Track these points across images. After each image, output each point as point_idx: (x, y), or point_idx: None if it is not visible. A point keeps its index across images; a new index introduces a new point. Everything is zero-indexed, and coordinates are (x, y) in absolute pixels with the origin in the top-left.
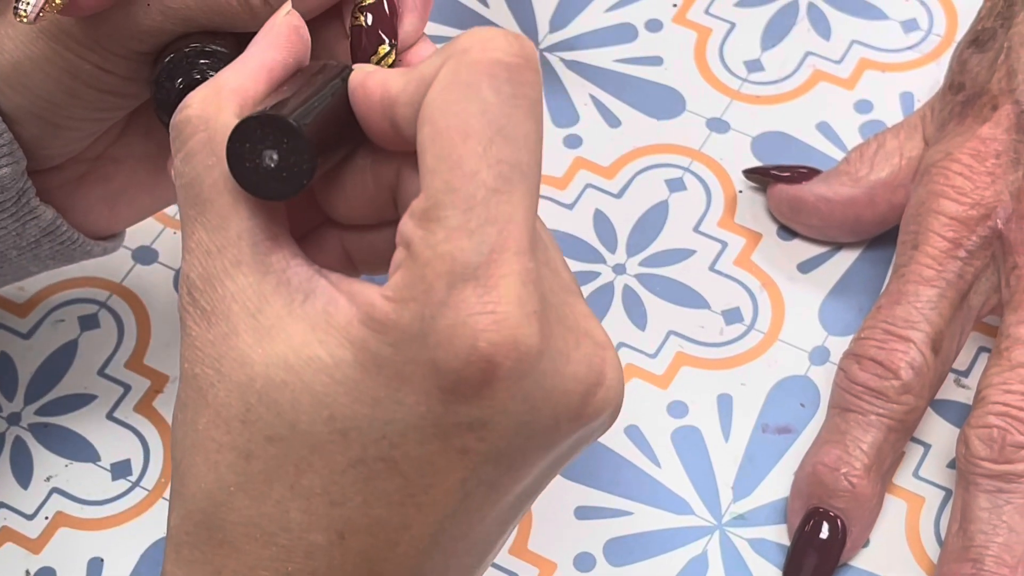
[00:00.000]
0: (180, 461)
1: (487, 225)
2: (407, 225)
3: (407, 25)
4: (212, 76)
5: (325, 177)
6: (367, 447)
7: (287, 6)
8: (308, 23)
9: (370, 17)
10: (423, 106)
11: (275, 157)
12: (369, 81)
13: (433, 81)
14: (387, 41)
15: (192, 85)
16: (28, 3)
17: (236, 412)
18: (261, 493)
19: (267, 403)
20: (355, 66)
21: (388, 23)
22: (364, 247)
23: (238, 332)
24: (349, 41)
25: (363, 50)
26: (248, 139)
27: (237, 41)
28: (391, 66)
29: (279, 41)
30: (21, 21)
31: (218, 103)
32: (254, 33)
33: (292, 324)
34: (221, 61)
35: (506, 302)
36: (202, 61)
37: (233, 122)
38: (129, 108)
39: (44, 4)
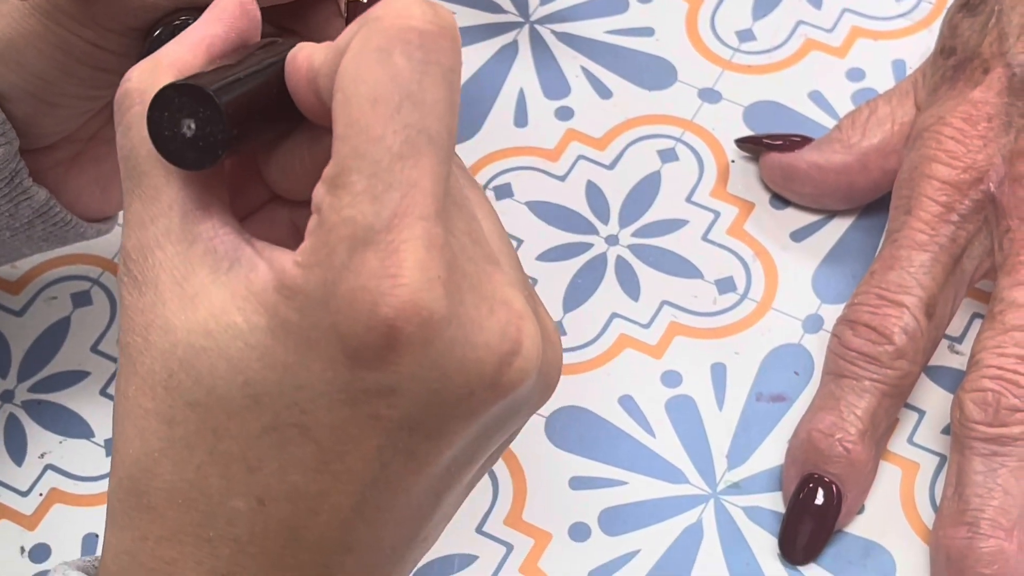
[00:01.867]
0: (115, 428)
1: (391, 190)
2: (318, 192)
3: None
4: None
5: (267, 153)
6: (279, 412)
7: None
8: (301, 4)
9: None
10: (337, 74)
11: (192, 126)
12: (299, 55)
13: (345, 50)
14: None
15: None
16: None
17: (160, 379)
18: (183, 458)
19: (187, 369)
20: (299, 44)
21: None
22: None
23: (165, 300)
24: (344, 19)
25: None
26: (167, 107)
27: None
28: None
29: (222, 16)
30: None
31: (155, 75)
32: None
33: (215, 291)
34: None
35: (408, 267)
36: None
37: None
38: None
39: None
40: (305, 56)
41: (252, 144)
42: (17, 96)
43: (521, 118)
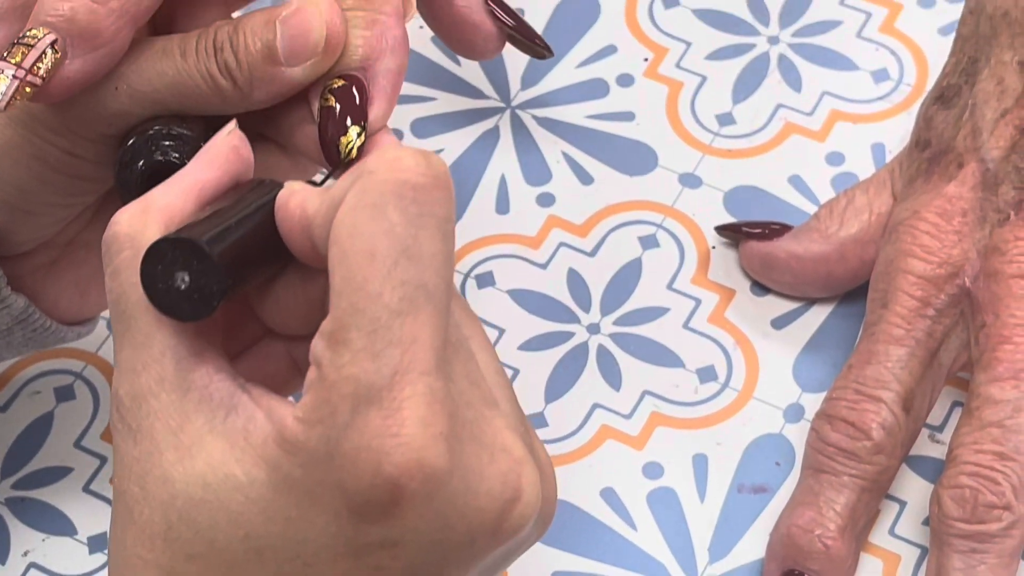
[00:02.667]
0: (111, 574)
1: (391, 347)
2: (317, 345)
3: (375, 110)
4: (175, 159)
5: (261, 291)
6: (282, 565)
7: (232, 124)
8: (271, 108)
9: (342, 99)
10: (332, 227)
11: (186, 279)
12: (290, 201)
13: (341, 202)
14: (359, 124)
15: (154, 167)
16: None
17: (159, 530)
18: None
19: (187, 521)
20: (286, 184)
21: (359, 107)
22: (304, 353)
23: (161, 450)
24: (317, 123)
25: (331, 134)
26: (160, 261)
27: (206, 125)
28: (360, 149)
29: (215, 160)
30: None
31: (144, 221)
32: (223, 117)
33: (212, 441)
34: (185, 144)
35: (410, 424)
36: (165, 143)
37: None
38: (99, 192)
39: (15, 92)
40: (298, 203)
41: (246, 289)
42: None
43: (503, 204)
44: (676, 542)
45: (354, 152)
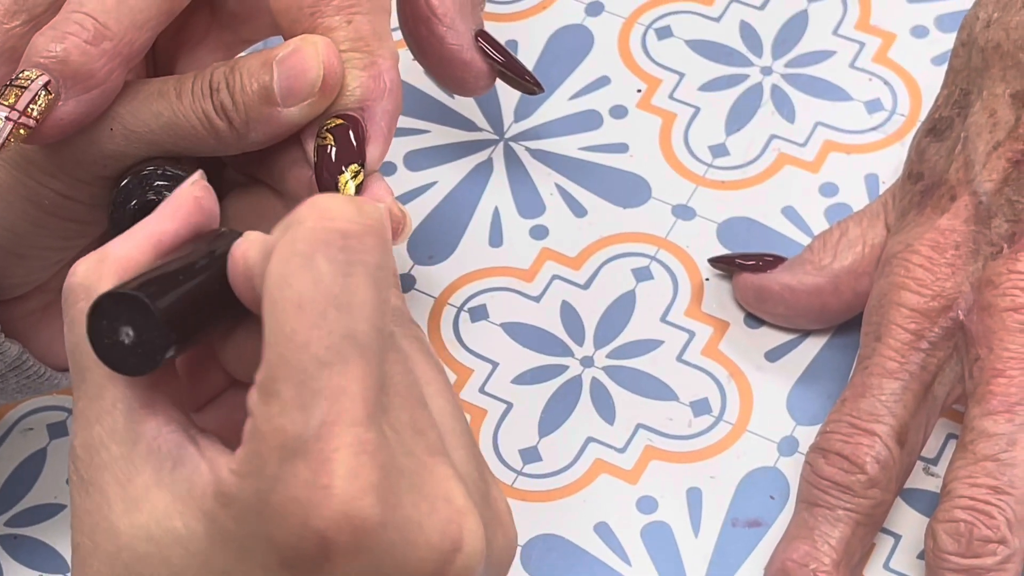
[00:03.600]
0: None
1: (318, 398)
2: (252, 396)
3: (372, 151)
4: (167, 197)
5: (223, 340)
6: None
7: (196, 175)
8: (265, 150)
9: (339, 140)
10: (264, 277)
11: (130, 333)
12: (236, 251)
13: (272, 253)
14: (357, 163)
15: (146, 207)
16: None
17: None
18: None
19: (132, 574)
20: (244, 234)
21: (356, 147)
22: None
23: (110, 502)
24: (314, 163)
25: (328, 173)
26: (104, 316)
27: (200, 166)
28: (358, 187)
29: (176, 211)
30: None
31: (100, 272)
32: (216, 158)
33: (157, 493)
34: (178, 183)
35: (338, 476)
36: (158, 183)
37: None
38: (93, 236)
39: (8, 134)
40: (241, 253)
41: (199, 340)
42: None
43: (496, 237)
44: None
45: (351, 191)
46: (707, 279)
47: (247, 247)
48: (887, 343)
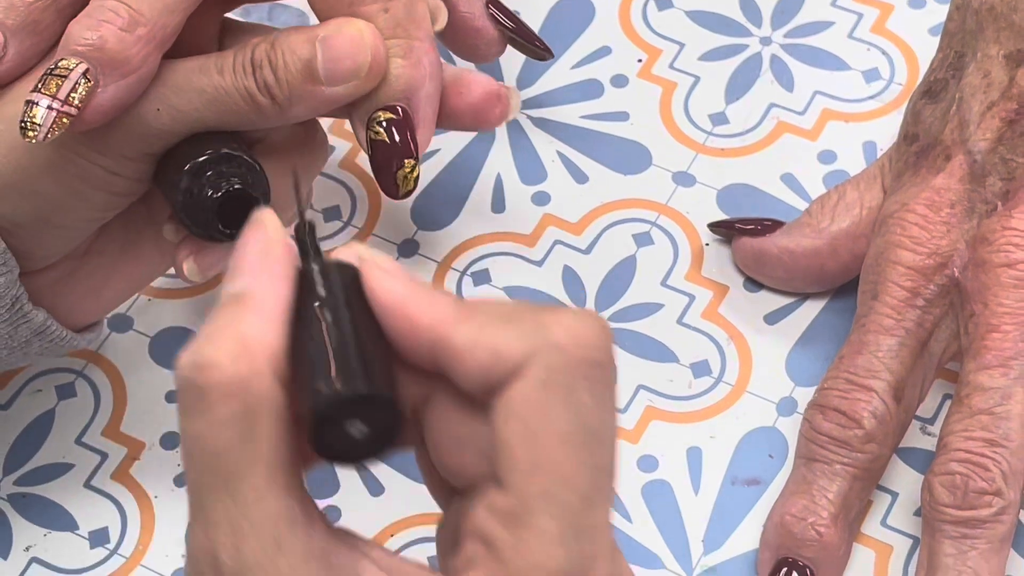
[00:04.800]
0: None
1: (582, 536)
2: (487, 522)
3: (421, 138)
4: (237, 184)
5: None
6: None
7: (269, 216)
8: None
9: (394, 133)
10: (510, 399)
11: (364, 429)
12: (415, 313)
13: (519, 371)
14: (414, 157)
15: (235, 193)
16: (37, 125)
17: None
18: None
19: None
20: (363, 266)
21: (410, 139)
22: None
23: None
24: (370, 155)
25: (388, 168)
26: (333, 422)
27: (241, 138)
28: (416, 180)
29: (284, 270)
30: (31, 141)
31: (251, 366)
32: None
33: None
34: (240, 166)
35: None
36: (224, 167)
37: (274, 390)
38: (127, 205)
39: (53, 123)
40: (430, 322)
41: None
42: (27, 223)
43: (499, 203)
44: (671, 534)
45: (412, 185)
46: (707, 244)
47: (432, 314)
48: (884, 300)
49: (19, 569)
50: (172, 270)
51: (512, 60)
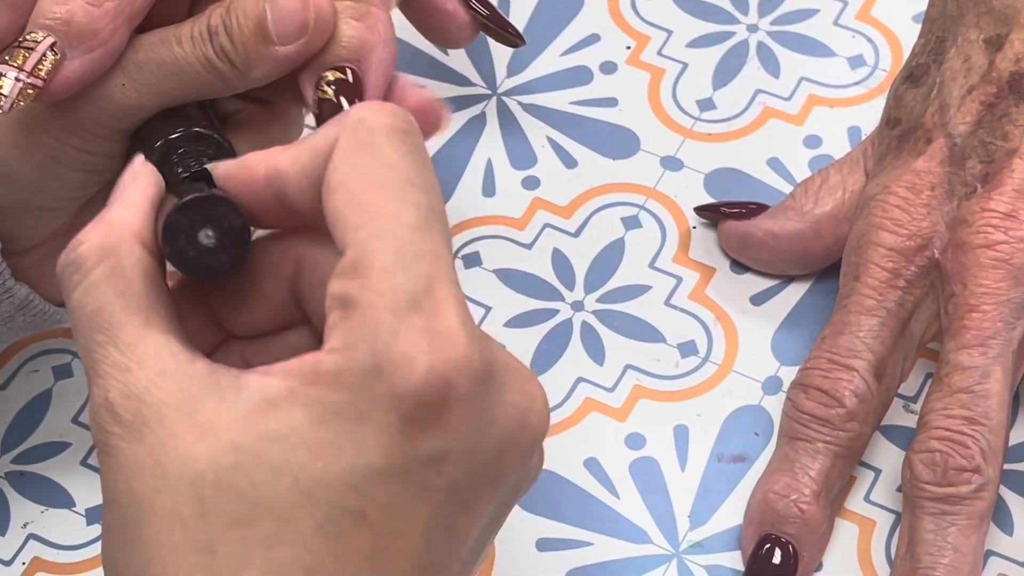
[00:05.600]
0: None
1: (418, 259)
2: (337, 285)
3: (369, 100)
4: (207, 163)
5: (221, 291)
6: (333, 502)
7: (139, 157)
8: (257, 89)
9: (339, 93)
10: (329, 173)
11: (211, 233)
12: (250, 160)
13: (333, 149)
14: None
15: (197, 177)
16: (3, 95)
17: (190, 509)
18: None
19: (224, 489)
20: (218, 165)
21: (357, 96)
22: (266, 357)
23: (176, 435)
24: (316, 115)
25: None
26: (180, 231)
27: (207, 110)
28: None
29: (149, 179)
30: None
31: (116, 234)
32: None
33: (230, 413)
34: (211, 145)
35: (452, 325)
36: (194, 147)
37: (136, 247)
38: (106, 182)
39: (18, 94)
40: (259, 161)
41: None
42: (5, 206)
43: (489, 188)
44: (658, 509)
45: None
46: (694, 227)
47: (266, 155)
48: (865, 281)
49: (17, 545)
50: None
51: (503, 47)
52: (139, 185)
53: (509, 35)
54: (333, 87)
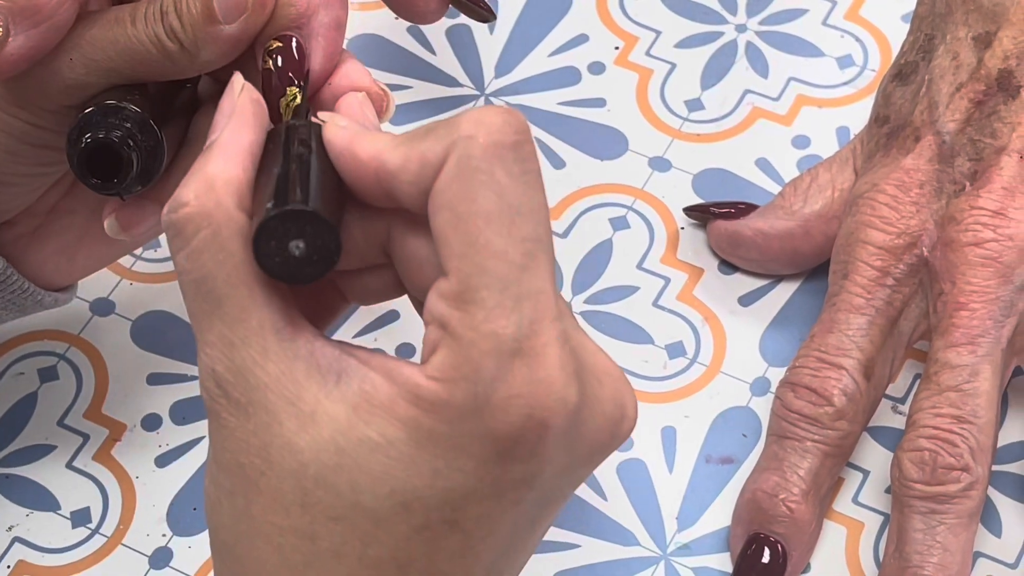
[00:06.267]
0: (235, 545)
1: (523, 301)
2: (440, 307)
3: (315, 66)
4: (118, 134)
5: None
6: (430, 513)
7: (239, 80)
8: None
9: (279, 60)
10: (436, 192)
11: (301, 246)
12: (359, 150)
13: (442, 167)
14: (295, 84)
15: (100, 143)
16: None
17: (293, 498)
18: (329, 568)
19: (325, 487)
20: (324, 121)
21: (296, 66)
22: (356, 286)
23: (280, 420)
24: (261, 87)
25: (273, 93)
26: (273, 236)
27: (163, 90)
28: (298, 108)
29: (249, 120)
30: None
31: (215, 197)
32: (180, 81)
33: (332, 407)
34: (128, 120)
35: (551, 368)
36: (110, 119)
37: (236, 214)
38: (64, 160)
39: None
40: (371, 154)
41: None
42: None
43: None
44: (645, 511)
45: (289, 114)
46: (682, 228)
47: (377, 148)
48: (854, 280)
49: (2, 549)
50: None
51: (491, 47)
52: (237, 126)
53: (479, 9)
54: (273, 57)
